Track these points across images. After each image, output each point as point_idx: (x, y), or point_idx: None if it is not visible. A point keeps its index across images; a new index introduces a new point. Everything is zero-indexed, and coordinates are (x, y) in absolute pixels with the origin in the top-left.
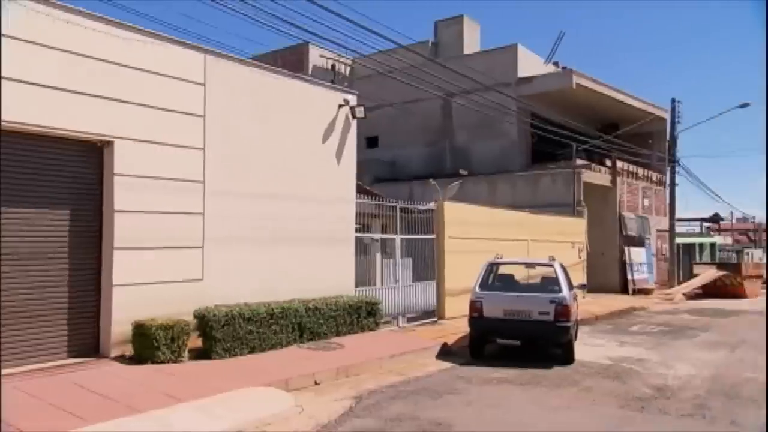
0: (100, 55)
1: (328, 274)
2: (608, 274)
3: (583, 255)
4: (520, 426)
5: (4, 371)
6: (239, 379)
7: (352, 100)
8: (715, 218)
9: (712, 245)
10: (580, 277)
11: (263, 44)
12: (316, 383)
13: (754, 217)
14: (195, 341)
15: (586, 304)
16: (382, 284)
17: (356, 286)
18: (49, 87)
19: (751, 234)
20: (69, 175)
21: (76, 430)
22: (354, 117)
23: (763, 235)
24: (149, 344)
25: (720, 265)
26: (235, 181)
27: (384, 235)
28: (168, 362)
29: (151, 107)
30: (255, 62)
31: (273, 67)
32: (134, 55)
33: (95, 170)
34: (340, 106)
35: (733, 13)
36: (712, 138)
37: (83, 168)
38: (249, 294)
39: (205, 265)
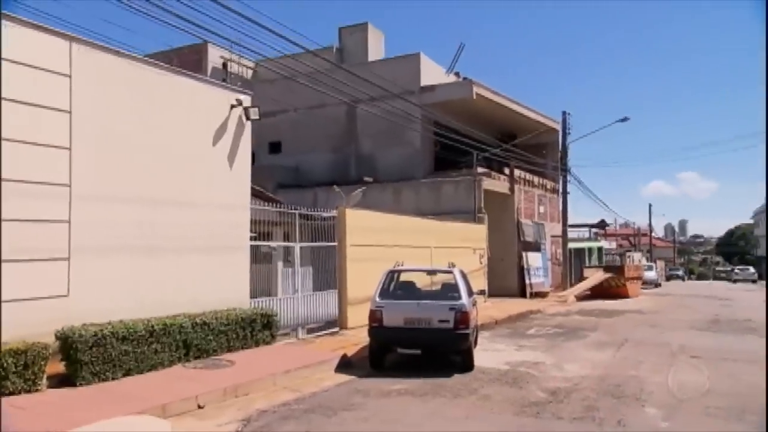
0: None
1: (219, 286)
2: (508, 278)
3: (484, 260)
4: None
5: None
6: (107, 408)
7: (246, 100)
8: (602, 224)
9: (600, 249)
10: (481, 282)
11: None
12: (199, 407)
13: (634, 223)
14: (57, 366)
15: (487, 309)
16: (281, 294)
17: (254, 296)
18: None
19: (632, 239)
20: None
21: None
22: (248, 119)
23: (643, 239)
24: None
25: (606, 268)
26: (110, 185)
27: (281, 243)
28: (21, 393)
29: (7, 100)
30: (134, 55)
31: (155, 62)
32: None
33: None
34: (233, 106)
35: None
36: (598, 149)
37: None
38: (127, 310)
39: (72, 280)
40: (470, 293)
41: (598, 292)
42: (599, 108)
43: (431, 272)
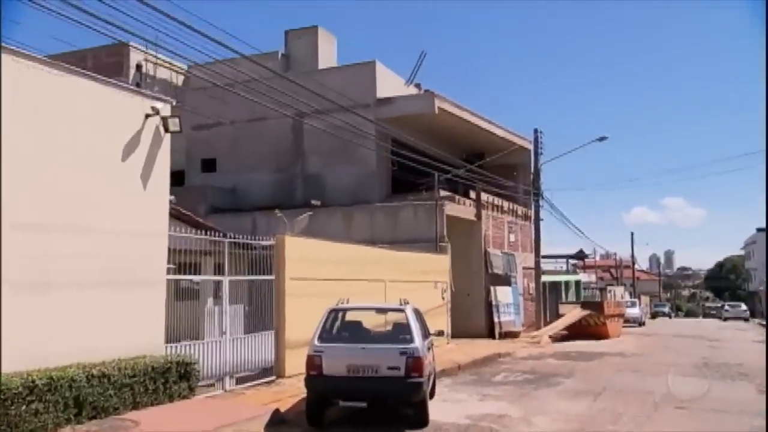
0: None
1: (125, 328)
2: (474, 316)
3: (447, 296)
4: None
5: None
6: None
7: (165, 109)
8: (580, 255)
9: (577, 283)
10: (443, 321)
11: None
12: None
13: (615, 254)
14: None
15: (450, 352)
16: (206, 338)
17: (176, 340)
18: None
19: (613, 271)
20: None
21: None
22: (167, 130)
23: (625, 271)
24: None
25: (584, 304)
26: None
27: (206, 277)
28: None
29: None
30: (21, 51)
31: (49, 60)
32: None
33: None
34: (148, 115)
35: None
36: (575, 172)
37: None
38: (3, 361)
39: None
40: (426, 335)
41: (576, 331)
42: (575, 127)
43: (380, 311)
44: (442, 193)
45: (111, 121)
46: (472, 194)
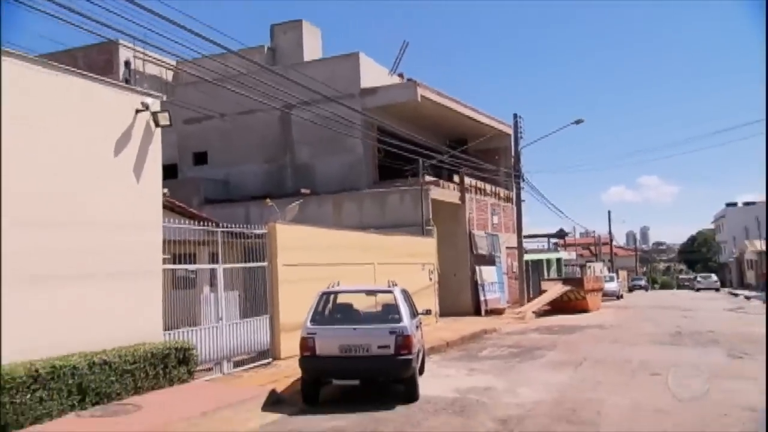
0: None
1: (124, 317)
2: (461, 295)
3: (434, 277)
4: None
5: None
6: None
7: (154, 104)
8: (561, 233)
9: (558, 261)
10: (431, 301)
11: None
12: None
13: (594, 231)
14: None
15: (438, 330)
16: (203, 324)
17: (175, 327)
18: None
19: (592, 248)
20: None
21: None
22: (157, 125)
23: (603, 248)
24: None
25: (565, 281)
26: None
27: (201, 266)
28: None
29: None
30: (12, 51)
31: (40, 59)
32: None
33: None
34: (138, 111)
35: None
36: (554, 154)
37: None
38: (4, 352)
39: None
40: (414, 314)
41: (558, 306)
42: (553, 112)
43: (370, 292)
44: (427, 178)
45: (102, 117)
46: (456, 178)
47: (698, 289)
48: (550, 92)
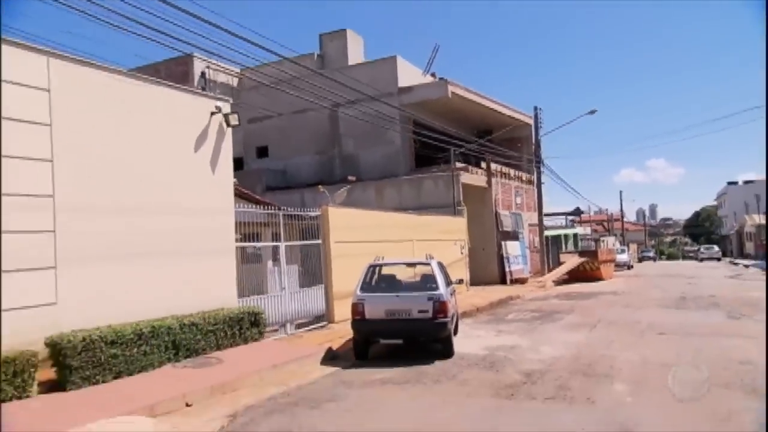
0: None
1: (207, 287)
2: (489, 267)
3: (465, 251)
4: (393, 429)
5: None
6: (97, 411)
7: (225, 107)
8: (577, 212)
9: (575, 236)
10: (462, 272)
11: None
12: (187, 405)
13: (607, 209)
14: (48, 373)
15: (469, 297)
16: (270, 292)
17: (245, 295)
18: None
19: (605, 224)
20: None
21: None
22: (228, 125)
23: (615, 224)
24: None
25: (581, 253)
26: (94, 194)
27: (266, 243)
28: (11, 400)
29: None
30: (111, 67)
31: (134, 73)
32: None
33: None
34: (213, 113)
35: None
36: (571, 140)
37: None
38: (115, 314)
39: (59, 288)
40: (448, 283)
41: (575, 275)
42: (570, 101)
43: (410, 265)
44: (458, 165)
45: (184, 120)
46: (483, 165)
47: (701, 259)
48: (566, 84)
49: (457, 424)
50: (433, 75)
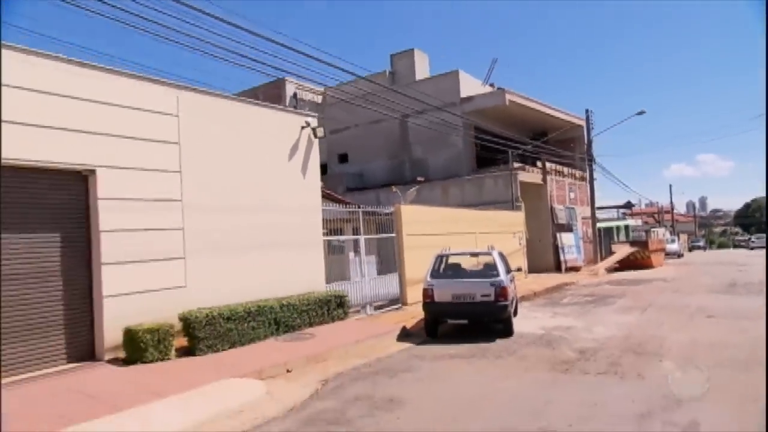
0: (79, 95)
1: (300, 274)
2: (545, 256)
3: (523, 242)
4: (462, 396)
5: (6, 380)
6: (218, 373)
7: (313, 122)
8: (628, 205)
9: (627, 227)
10: (520, 261)
11: (247, 83)
12: (287, 371)
13: (657, 202)
14: (181, 341)
15: (527, 283)
16: (352, 279)
17: (331, 281)
18: (31, 125)
19: (656, 216)
20: (57, 202)
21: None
22: (315, 136)
23: (666, 216)
24: (138, 347)
25: (632, 243)
26: (211, 198)
27: (348, 237)
28: (156, 361)
29: (130, 138)
30: (221, 93)
31: (240, 98)
32: (111, 93)
33: (81, 196)
34: (302, 127)
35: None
36: (621, 137)
37: (69, 195)
38: (229, 295)
39: (187, 274)
40: (508, 270)
41: (626, 264)
42: (621, 102)
43: (474, 254)
44: (515, 165)
45: (279, 134)
46: (539, 164)
47: (752, 248)
48: (617, 86)
49: (516, 393)
50: (491, 85)
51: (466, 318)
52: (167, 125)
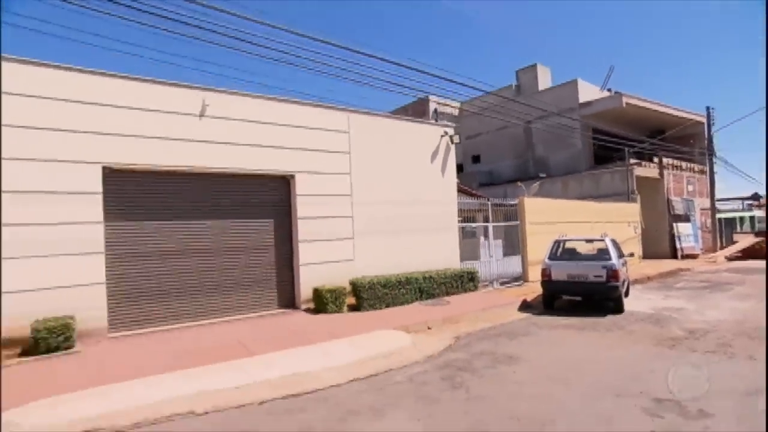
0: (281, 121)
1: (439, 253)
2: (661, 244)
3: (638, 231)
4: (571, 358)
5: (241, 316)
6: (377, 324)
7: (450, 131)
8: (755, 196)
9: (752, 218)
10: (635, 247)
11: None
12: (428, 328)
13: None
14: (350, 300)
15: (641, 268)
16: (482, 259)
17: (464, 260)
18: (261, 146)
19: None
20: (272, 197)
21: (266, 354)
22: (452, 143)
23: None
24: (322, 301)
25: (757, 233)
26: (372, 193)
27: (479, 224)
28: (334, 313)
29: (317, 150)
30: (379, 113)
31: (394, 115)
32: (301, 118)
33: (286, 193)
34: (442, 136)
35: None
36: (747, 134)
37: (279, 193)
38: (385, 268)
39: (355, 250)
40: (620, 255)
41: (750, 254)
42: (747, 94)
43: (588, 240)
44: (632, 161)
45: (424, 142)
46: (655, 159)
47: None
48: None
49: (621, 361)
50: (609, 90)
51: (580, 295)
52: (341, 140)
